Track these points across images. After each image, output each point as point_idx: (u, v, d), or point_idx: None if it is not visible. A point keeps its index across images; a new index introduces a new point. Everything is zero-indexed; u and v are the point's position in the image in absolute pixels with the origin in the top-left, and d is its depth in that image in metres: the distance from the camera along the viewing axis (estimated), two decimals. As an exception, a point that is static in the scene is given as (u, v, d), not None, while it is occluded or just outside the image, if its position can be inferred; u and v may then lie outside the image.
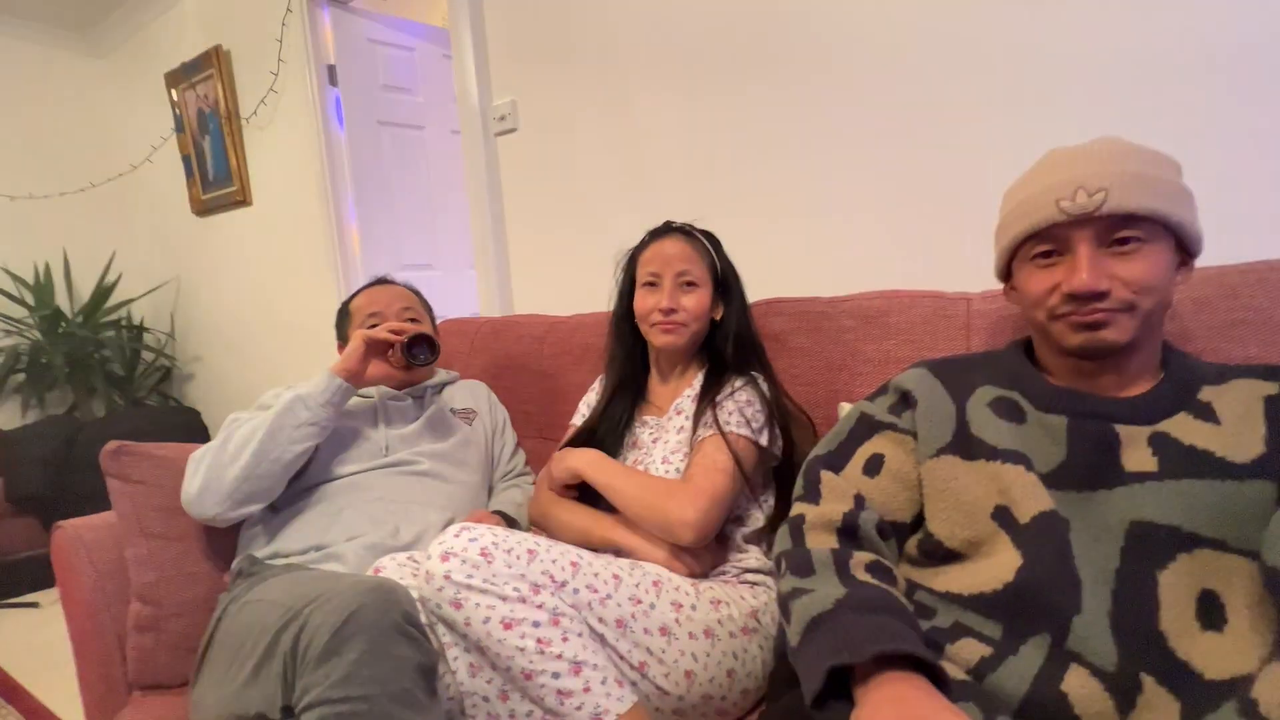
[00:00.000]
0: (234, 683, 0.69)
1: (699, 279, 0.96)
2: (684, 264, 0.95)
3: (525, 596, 0.67)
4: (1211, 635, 0.48)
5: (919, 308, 0.97)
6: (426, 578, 0.69)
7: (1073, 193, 0.57)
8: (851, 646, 0.45)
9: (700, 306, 0.95)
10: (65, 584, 1.01)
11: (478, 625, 0.66)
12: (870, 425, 0.69)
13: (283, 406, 0.96)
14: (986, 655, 0.51)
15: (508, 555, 0.69)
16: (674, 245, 0.96)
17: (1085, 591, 0.50)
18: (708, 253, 0.99)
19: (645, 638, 0.72)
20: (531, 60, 1.68)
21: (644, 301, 0.97)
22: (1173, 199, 0.57)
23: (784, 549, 0.61)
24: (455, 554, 0.68)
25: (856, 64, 1.21)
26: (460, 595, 0.67)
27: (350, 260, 2.34)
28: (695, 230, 1.01)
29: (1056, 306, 0.59)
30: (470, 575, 0.67)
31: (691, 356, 1.02)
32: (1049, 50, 1.03)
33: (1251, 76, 0.90)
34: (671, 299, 0.94)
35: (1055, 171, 0.59)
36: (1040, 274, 0.61)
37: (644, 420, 1.02)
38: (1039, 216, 0.59)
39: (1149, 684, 0.47)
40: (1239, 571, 0.48)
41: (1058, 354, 0.63)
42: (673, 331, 0.95)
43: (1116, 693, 0.47)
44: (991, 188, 1.14)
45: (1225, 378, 0.58)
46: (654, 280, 0.96)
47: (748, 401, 0.91)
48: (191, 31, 2.62)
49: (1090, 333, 0.57)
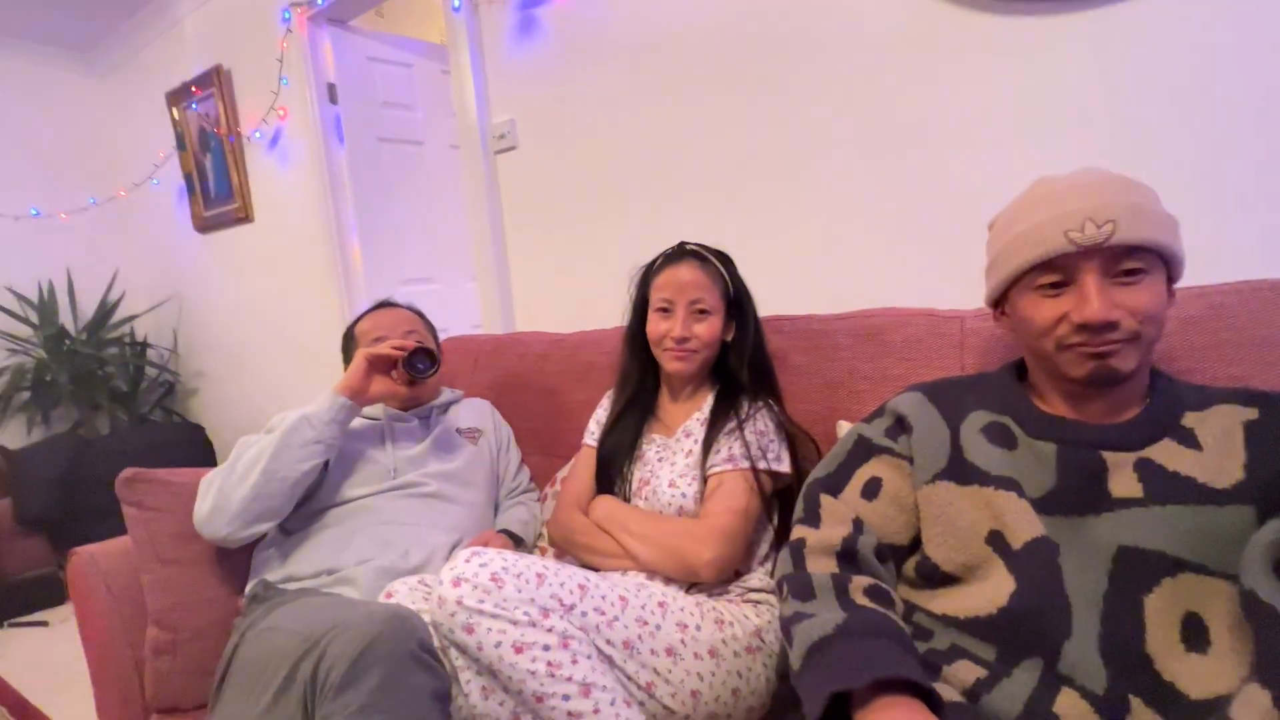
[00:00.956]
0: (254, 710, 0.71)
1: (712, 306, 0.96)
2: (698, 291, 0.95)
3: (535, 620, 0.69)
4: (1196, 656, 0.50)
5: (914, 325, 0.99)
6: (439, 603, 0.70)
7: (1081, 224, 0.58)
8: (850, 672, 0.47)
9: (712, 333, 0.96)
10: (82, 609, 1.03)
11: (490, 650, 0.68)
12: (868, 449, 0.71)
13: (289, 426, 0.98)
14: (982, 677, 0.53)
15: (517, 580, 0.71)
16: (688, 271, 0.97)
17: (1075, 616, 0.53)
18: (721, 277, 0.99)
19: (652, 658, 0.74)
20: (530, 79, 1.70)
21: (656, 327, 0.98)
22: (1168, 229, 0.59)
23: (785, 572, 0.63)
24: (467, 579, 0.70)
25: (856, 83, 1.23)
26: (472, 620, 0.68)
27: (352, 275, 2.36)
28: (708, 252, 1.01)
29: (1066, 336, 0.60)
30: (482, 600, 0.69)
31: (703, 378, 1.03)
32: (1046, 75, 1.06)
33: (1238, 104, 0.93)
34: (685, 327, 0.95)
35: (1059, 202, 0.60)
36: (1046, 304, 0.61)
37: (651, 438, 1.03)
38: (1047, 247, 0.59)
39: (1137, 705, 0.49)
40: (1220, 594, 0.51)
41: (1055, 380, 0.64)
42: (685, 359, 0.96)
43: (1106, 714, 0.49)
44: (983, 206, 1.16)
45: (1208, 403, 0.60)
46: (667, 306, 0.97)
47: (763, 431, 0.92)
48: (192, 51, 2.65)
49: (1100, 361, 0.58)
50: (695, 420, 0.99)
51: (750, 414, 0.93)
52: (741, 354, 0.99)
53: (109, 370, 2.95)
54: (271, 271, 2.63)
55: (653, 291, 0.99)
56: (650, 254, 1.05)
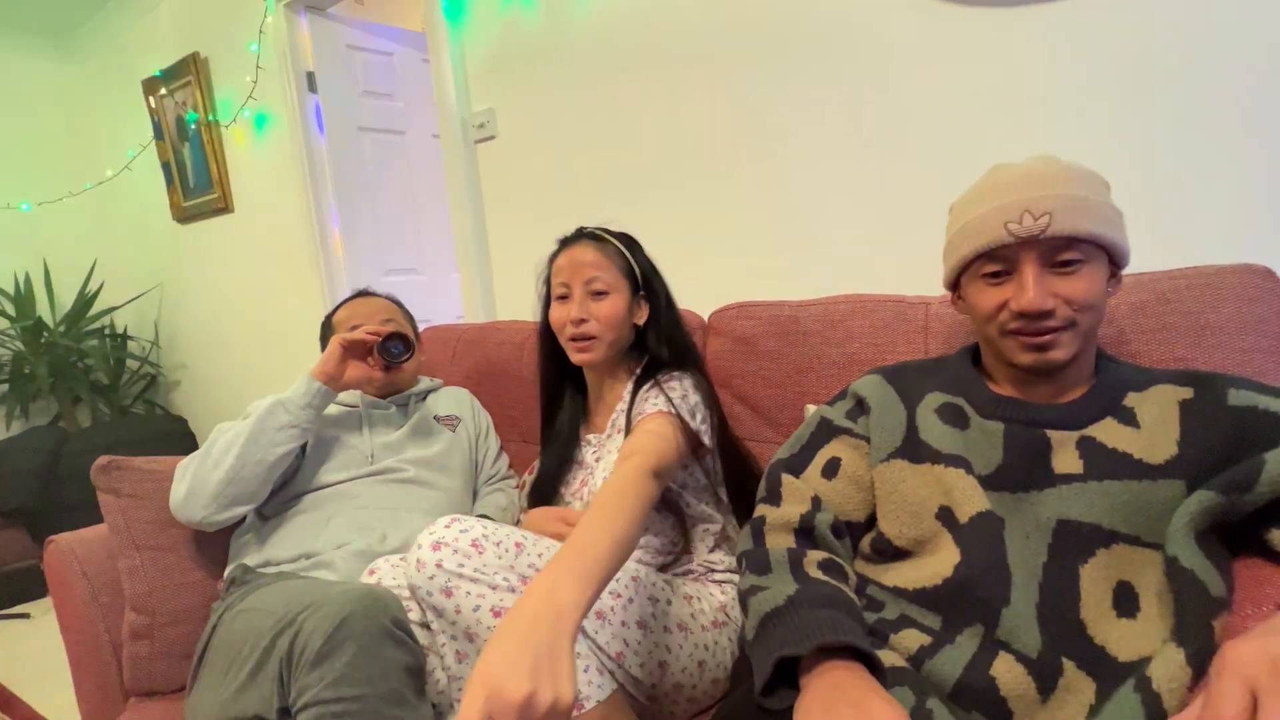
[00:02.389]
0: (231, 687, 0.73)
1: (610, 285, 0.93)
2: (592, 270, 0.92)
3: (515, 587, 0.70)
4: (1125, 622, 0.53)
5: (881, 312, 1.01)
6: (417, 566, 0.69)
7: (1019, 215, 0.60)
8: (798, 639, 0.50)
9: (613, 314, 0.92)
10: (59, 597, 1.03)
11: (468, 613, 0.68)
12: (829, 430, 0.73)
13: (263, 411, 0.99)
14: (926, 644, 0.55)
15: (497, 548, 0.71)
16: (583, 252, 0.94)
17: (1015, 585, 0.55)
18: (620, 256, 0.95)
19: (623, 630, 0.76)
20: (509, 69, 1.70)
21: (557, 314, 0.95)
22: (1108, 221, 0.61)
23: (745, 548, 0.66)
24: (447, 543, 0.70)
25: (831, 75, 1.25)
26: (451, 583, 0.68)
27: (334, 265, 2.35)
28: (608, 233, 0.98)
29: (1006, 322, 0.62)
30: (461, 565, 0.69)
31: (619, 366, 1.00)
32: (1014, 64, 1.08)
33: (1193, 94, 0.95)
34: (581, 308, 0.92)
35: (1001, 194, 0.62)
36: (989, 291, 0.64)
37: (587, 439, 1.01)
38: (988, 238, 0.62)
39: (1069, 668, 0.52)
40: (1150, 563, 0.53)
41: (1003, 365, 0.67)
42: (588, 349, 0.93)
43: (1039, 677, 0.52)
44: (949, 195, 1.19)
45: (1149, 384, 0.63)
46: (565, 291, 0.94)
47: (684, 395, 0.88)
48: (168, 38, 2.62)
49: (1039, 354, 0.61)
50: (620, 412, 0.95)
51: (668, 380, 0.90)
52: (658, 334, 0.97)
53: (89, 362, 2.93)
54: (253, 263, 2.61)
55: (553, 279, 0.97)
56: None
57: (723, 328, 1.15)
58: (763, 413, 1.08)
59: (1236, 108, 0.93)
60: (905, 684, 0.51)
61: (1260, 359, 0.75)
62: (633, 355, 1.00)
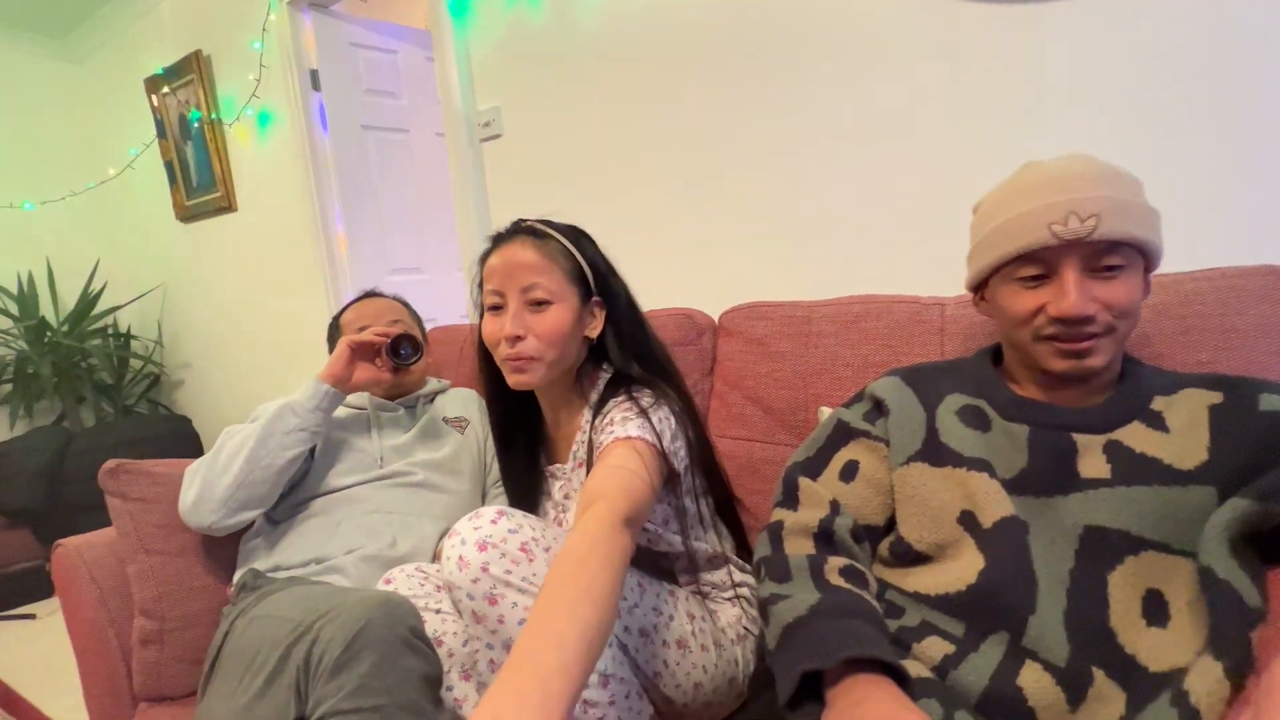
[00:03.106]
0: (245, 695, 0.72)
1: (553, 293, 0.77)
2: (531, 275, 0.76)
3: None
4: (1156, 630, 0.52)
5: (895, 313, 1.00)
6: (459, 564, 0.62)
7: (1064, 217, 0.57)
8: (822, 651, 0.49)
9: (556, 329, 0.77)
10: (68, 602, 1.03)
11: (512, 625, 0.62)
12: (846, 432, 0.72)
13: (272, 414, 0.98)
14: (950, 653, 0.54)
15: (546, 555, 0.64)
16: (519, 251, 0.77)
17: (1041, 592, 0.54)
18: (567, 255, 0.79)
19: (663, 650, 0.72)
20: (515, 66, 1.69)
21: (489, 328, 0.79)
22: (1150, 224, 0.59)
23: (764, 555, 0.65)
24: (494, 544, 0.62)
25: (841, 72, 1.24)
26: (497, 591, 0.61)
27: (338, 265, 2.34)
28: (550, 228, 0.81)
29: (1042, 328, 0.60)
30: (509, 571, 0.62)
31: (571, 388, 0.84)
32: (1027, 61, 1.07)
33: (1211, 93, 0.94)
34: (517, 322, 0.76)
35: (1044, 193, 0.59)
36: (1025, 295, 0.61)
37: (550, 471, 0.89)
38: (1029, 239, 0.59)
39: (1099, 677, 0.51)
40: (1180, 571, 0.53)
41: (1029, 368, 0.66)
42: (524, 370, 0.77)
43: (1068, 686, 0.51)
44: (965, 193, 1.17)
45: (1176, 387, 0.62)
46: (498, 301, 0.78)
47: (637, 407, 0.75)
48: (170, 36, 2.60)
49: (1076, 360, 0.59)
50: (582, 445, 0.82)
51: (623, 402, 0.76)
52: (621, 347, 0.81)
53: (92, 362, 2.92)
54: (257, 262, 2.60)
55: (484, 284, 0.81)
56: (634, 241, 1.01)
57: (734, 328, 1.14)
58: (776, 415, 1.07)
59: (1257, 106, 0.91)
60: (932, 696, 0.51)
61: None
62: (590, 370, 0.85)
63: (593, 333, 0.82)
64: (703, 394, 1.17)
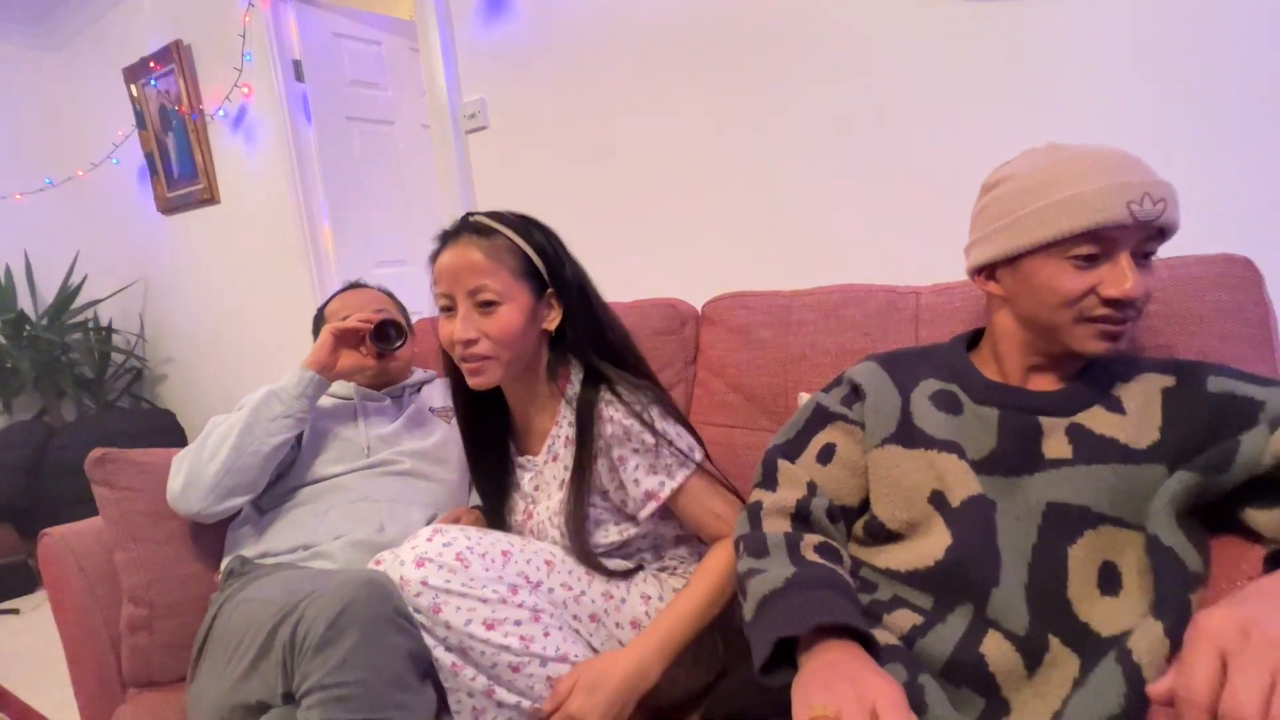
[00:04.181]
0: (233, 675, 0.73)
1: (501, 293, 0.76)
2: (477, 278, 0.76)
3: (505, 598, 0.69)
4: (1108, 599, 0.55)
5: (872, 301, 1.03)
6: (402, 583, 0.68)
7: (1141, 197, 0.56)
8: (796, 620, 0.51)
9: (507, 329, 0.76)
10: (55, 590, 1.03)
11: (459, 628, 0.67)
12: (824, 416, 0.75)
13: (257, 401, 0.99)
14: (918, 623, 0.57)
15: (483, 559, 0.70)
16: (464, 252, 0.76)
17: (1004, 566, 0.57)
18: (514, 250, 0.78)
19: (617, 631, 0.77)
20: (500, 58, 1.69)
21: (443, 330, 0.80)
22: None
23: (742, 533, 0.67)
24: (430, 559, 0.68)
25: (827, 66, 1.25)
26: (439, 600, 0.67)
27: (323, 257, 2.34)
28: (497, 220, 0.79)
29: (1091, 309, 0.59)
30: (449, 580, 0.67)
31: (536, 380, 0.85)
32: (1002, 52, 1.09)
33: (1199, 84, 0.97)
34: (467, 325, 0.76)
35: (1116, 171, 0.57)
36: (1077, 275, 0.59)
37: (519, 463, 0.90)
38: (1106, 216, 0.56)
39: (1055, 644, 0.54)
40: (1132, 544, 0.55)
41: (1021, 353, 0.66)
42: (480, 371, 0.78)
43: (1027, 654, 0.54)
44: (941, 184, 1.20)
45: (1135, 373, 0.65)
46: (448, 304, 0.79)
47: (663, 431, 0.79)
48: (150, 25, 2.57)
49: (1112, 343, 0.60)
50: (557, 439, 0.84)
51: (621, 416, 0.78)
52: (585, 338, 0.82)
53: (73, 356, 2.89)
54: (240, 254, 2.59)
55: (435, 285, 0.80)
56: (618, 232, 1.02)
57: (717, 317, 1.16)
58: (757, 401, 1.09)
59: (1218, 102, 0.95)
60: (898, 661, 0.53)
61: (1238, 345, 0.77)
62: (556, 361, 0.85)
63: (550, 325, 0.82)
64: (686, 382, 1.19)
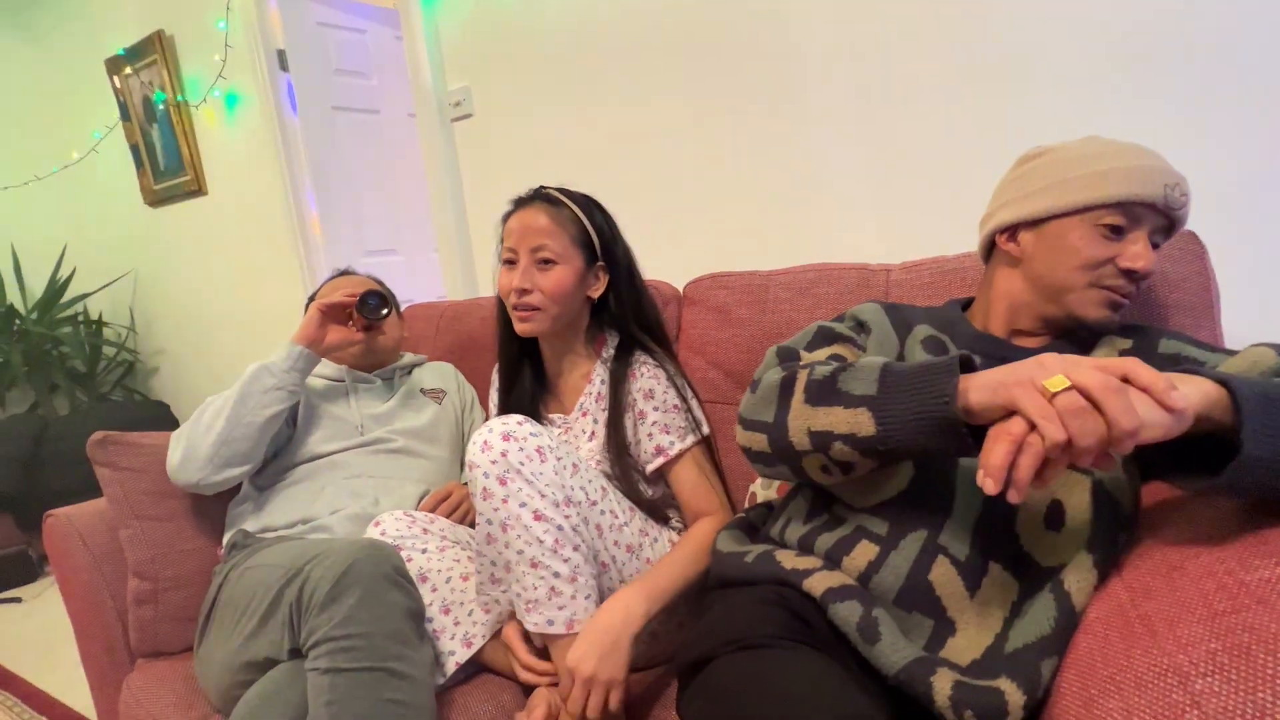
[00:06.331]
0: (241, 635, 0.77)
1: (559, 254, 0.89)
2: (540, 238, 0.88)
3: (559, 502, 0.74)
4: (1051, 534, 0.60)
5: (845, 279, 1.07)
6: (483, 447, 0.73)
7: (1174, 185, 0.64)
8: (943, 367, 0.52)
9: (559, 287, 0.89)
10: (61, 567, 1.07)
11: (513, 506, 0.71)
12: (831, 335, 0.77)
13: (249, 375, 1.03)
14: (873, 558, 0.62)
15: (558, 463, 0.75)
16: (533, 216, 0.89)
17: (958, 498, 0.62)
18: (576, 222, 0.90)
19: (614, 548, 0.82)
20: (484, 45, 1.71)
21: (503, 280, 0.92)
22: None
23: (788, 374, 0.64)
24: (516, 439, 0.73)
25: (803, 49, 1.29)
26: (509, 475, 0.72)
27: (312, 247, 2.35)
28: (566, 196, 0.92)
29: (1106, 276, 0.66)
30: (524, 464, 0.72)
31: (576, 341, 0.97)
32: (987, 35, 1.13)
33: (1198, 70, 1.01)
34: (524, 277, 0.88)
35: (1157, 159, 0.65)
36: (1103, 243, 0.66)
37: (550, 418, 1.00)
38: (1144, 190, 0.63)
39: (995, 569, 0.60)
40: (1079, 485, 0.61)
41: (1019, 315, 0.72)
42: (529, 319, 0.90)
43: (966, 576, 0.59)
44: (918, 167, 1.23)
45: (1099, 335, 0.71)
46: (513, 257, 0.91)
47: (676, 406, 0.91)
48: (131, 15, 2.56)
49: (1112, 312, 0.67)
50: (589, 395, 0.95)
51: (648, 387, 0.91)
52: (622, 309, 0.94)
53: (64, 350, 2.90)
54: (230, 246, 2.60)
55: (503, 241, 0.93)
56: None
57: (698, 298, 1.20)
58: (735, 377, 1.14)
59: (1173, 86, 0.99)
60: (854, 599, 0.58)
61: (1181, 313, 0.83)
62: (595, 329, 0.97)
63: (595, 294, 0.93)
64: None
